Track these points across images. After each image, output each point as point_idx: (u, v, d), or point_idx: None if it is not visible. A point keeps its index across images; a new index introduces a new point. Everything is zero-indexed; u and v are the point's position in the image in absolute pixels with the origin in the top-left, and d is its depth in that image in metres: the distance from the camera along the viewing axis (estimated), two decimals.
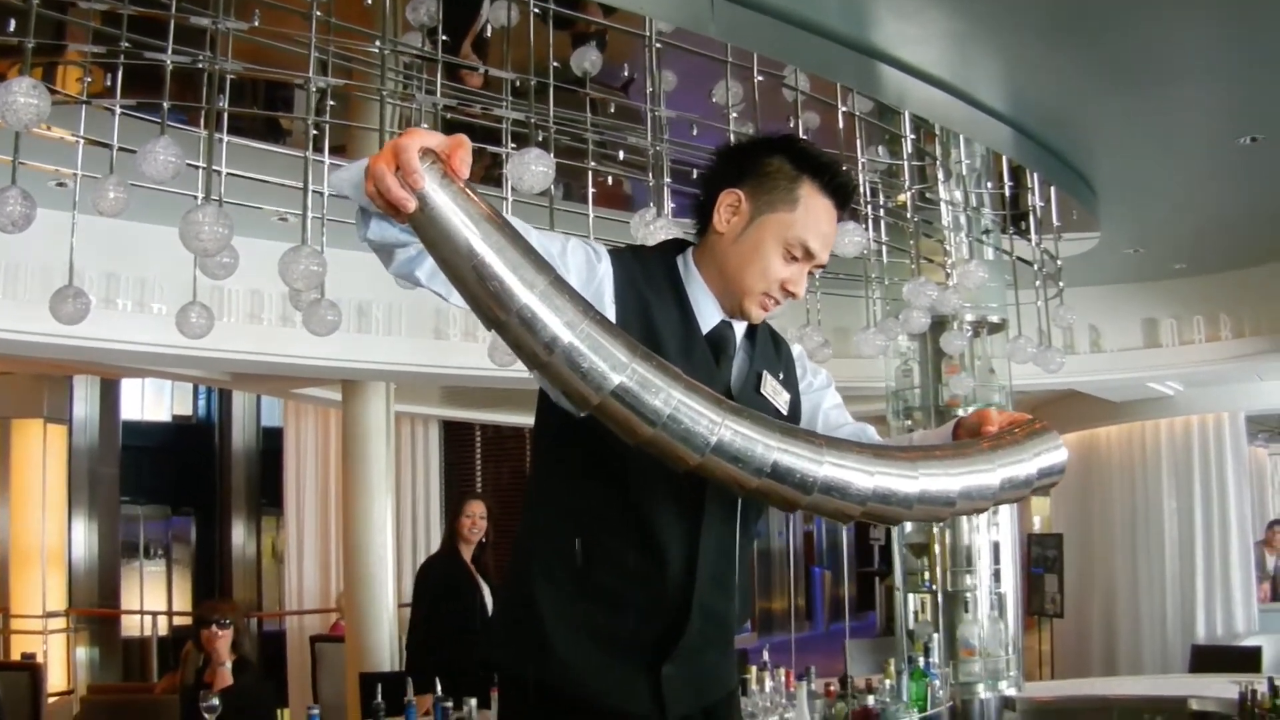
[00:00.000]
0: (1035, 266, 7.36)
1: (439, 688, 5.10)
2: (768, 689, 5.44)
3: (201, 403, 18.37)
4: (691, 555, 2.54)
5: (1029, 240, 7.45)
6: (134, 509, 16.88)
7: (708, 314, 2.61)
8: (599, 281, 2.44)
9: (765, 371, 2.69)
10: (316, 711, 4.72)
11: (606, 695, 2.54)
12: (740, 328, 2.67)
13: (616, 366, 2.03)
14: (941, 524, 7.59)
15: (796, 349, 2.90)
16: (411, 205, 1.90)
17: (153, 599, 16.71)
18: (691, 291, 2.61)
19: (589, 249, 2.51)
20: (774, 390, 2.67)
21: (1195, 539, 12.29)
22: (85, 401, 14.84)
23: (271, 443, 16.60)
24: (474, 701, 5.01)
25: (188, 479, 17.83)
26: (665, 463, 2.16)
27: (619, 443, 2.26)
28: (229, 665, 6.26)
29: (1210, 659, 9.89)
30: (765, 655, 5.84)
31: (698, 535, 2.54)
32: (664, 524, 2.51)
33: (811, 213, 2.58)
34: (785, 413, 2.69)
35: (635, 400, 2.05)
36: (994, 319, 8.00)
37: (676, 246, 2.73)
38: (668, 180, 5.39)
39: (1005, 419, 2.56)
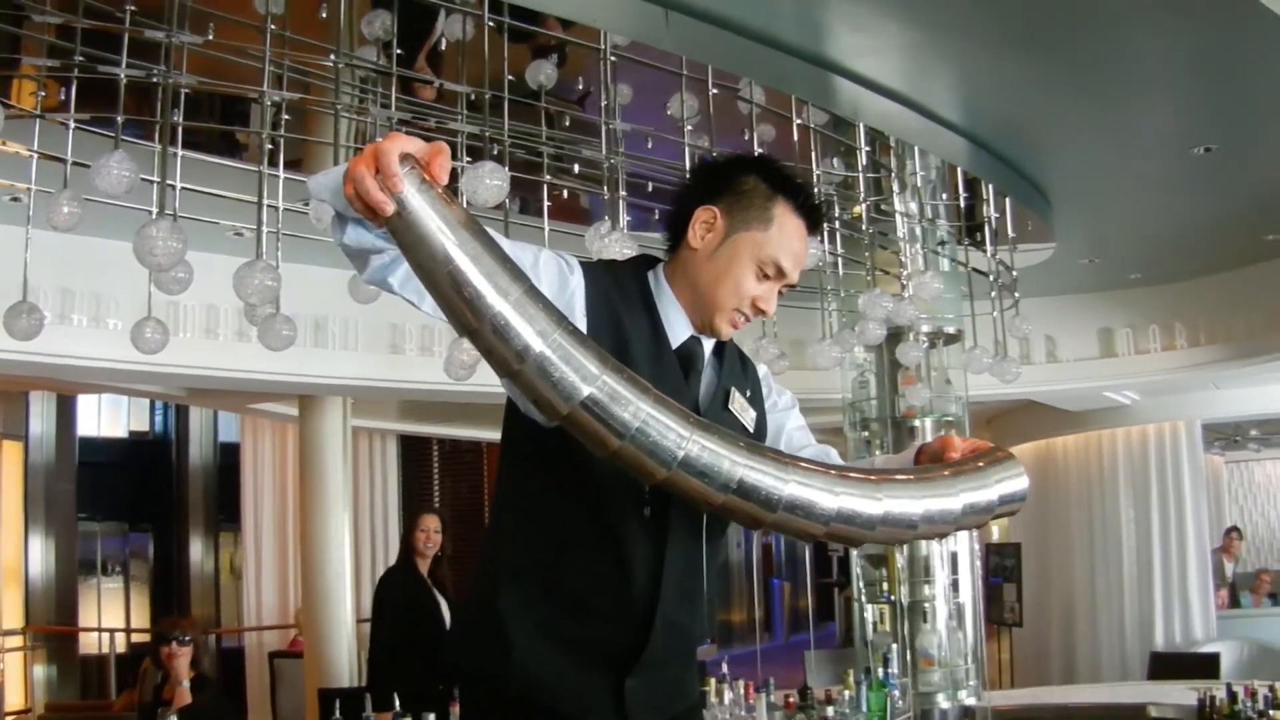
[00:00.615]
0: (991, 277, 7.39)
1: (397, 703, 5.08)
2: (727, 701, 5.44)
3: (158, 419, 18.24)
4: (657, 567, 2.55)
5: (984, 251, 7.47)
6: (91, 525, 16.74)
7: (678, 329, 2.63)
8: (571, 293, 2.45)
9: (733, 388, 2.71)
10: None
11: (568, 704, 2.54)
12: (709, 344, 2.69)
13: (587, 378, 2.04)
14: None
15: (763, 369, 2.93)
16: (390, 208, 1.91)
17: (110, 616, 16.58)
18: (662, 306, 2.63)
19: (561, 261, 2.52)
20: (741, 407, 2.69)
21: (1153, 547, 12.34)
22: (42, 418, 14.75)
23: (228, 458, 16.49)
24: (432, 716, 4.99)
25: (145, 495, 17.69)
26: (632, 475, 2.17)
27: (587, 454, 2.27)
28: (187, 683, 6.22)
29: (1169, 666, 9.96)
30: (724, 667, 5.83)
31: (664, 547, 2.55)
32: (630, 536, 2.52)
33: (785, 232, 2.61)
34: (751, 430, 2.70)
35: (604, 412, 2.06)
36: (950, 330, 8.02)
37: (648, 262, 2.75)
38: (623, 194, 5.39)
39: (968, 446, 2.59)
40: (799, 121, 6.01)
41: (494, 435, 14.83)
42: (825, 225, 6.44)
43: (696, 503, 2.21)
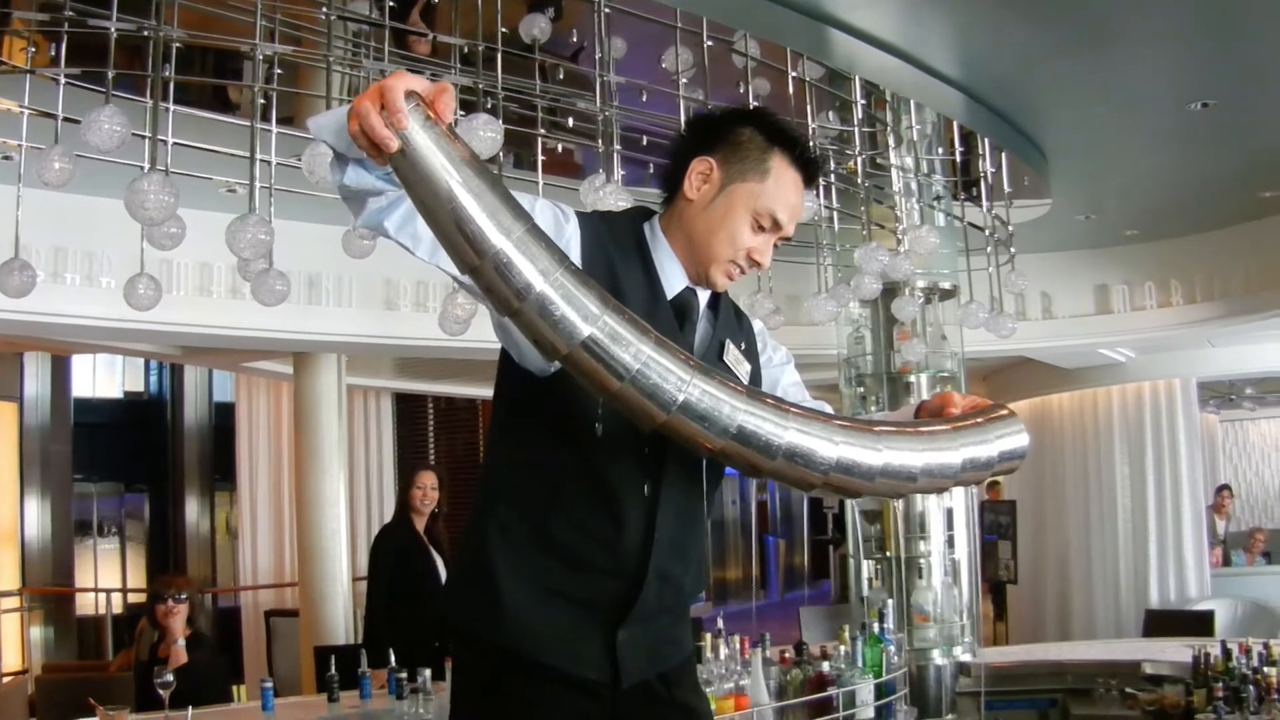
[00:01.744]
0: (987, 232, 7.36)
1: (392, 659, 5.08)
2: (723, 656, 5.43)
3: (153, 379, 18.26)
4: (650, 519, 2.54)
5: (980, 206, 7.45)
6: (87, 486, 16.80)
7: (673, 279, 2.62)
8: (566, 241, 2.43)
9: (728, 340, 2.70)
10: (270, 685, 4.69)
11: (560, 659, 2.54)
12: (704, 296, 2.69)
13: (588, 317, 2.03)
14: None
15: (758, 324, 2.93)
16: (394, 145, 1.92)
17: (107, 577, 16.63)
18: (658, 256, 2.63)
19: (557, 209, 2.51)
20: (735, 359, 2.69)
21: (1148, 505, 12.33)
22: (36, 379, 14.75)
23: (223, 418, 16.52)
24: (428, 672, 4.98)
25: (140, 455, 17.73)
26: (631, 418, 2.17)
27: (581, 406, 2.27)
28: (183, 641, 6.22)
29: (1163, 623, 9.99)
30: (720, 622, 5.83)
31: (657, 499, 2.54)
32: (623, 487, 2.52)
33: (781, 184, 2.61)
34: (745, 383, 2.68)
35: (605, 352, 2.05)
36: (945, 285, 8.01)
37: (643, 214, 2.74)
38: (617, 147, 5.35)
39: (969, 403, 2.60)
40: (794, 74, 5.97)
41: (489, 392, 14.93)
42: (821, 179, 6.42)
43: (695, 447, 2.20)
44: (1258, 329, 10.65)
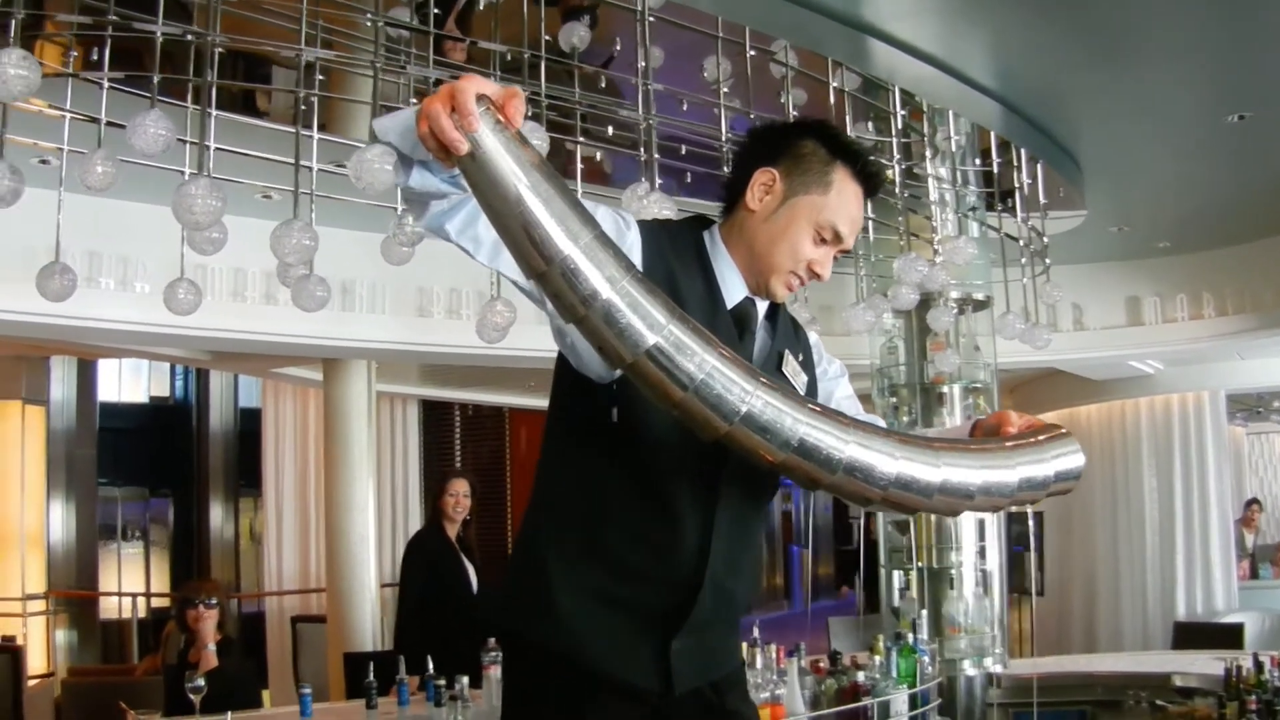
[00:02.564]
0: (1021, 243, 7.35)
1: (430, 666, 5.07)
2: (759, 665, 5.43)
3: (179, 384, 18.29)
4: (706, 530, 2.54)
5: (1014, 217, 7.42)
6: (111, 491, 16.82)
7: (733, 289, 2.63)
8: (627, 248, 2.42)
9: (786, 351, 2.71)
10: (309, 692, 4.69)
11: (612, 666, 2.54)
12: (763, 307, 2.69)
13: (654, 326, 2.02)
14: None
15: (814, 336, 2.94)
16: (464, 148, 1.92)
17: (130, 581, 16.64)
18: (718, 266, 2.63)
19: (619, 217, 2.51)
20: (794, 371, 2.69)
21: (1175, 517, 12.31)
22: (63, 383, 14.75)
23: (249, 424, 16.56)
24: (466, 680, 4.98)
25: (165, 460, 17.75)
26: (693, 429, 2.15)
27: (641, 416, 2.28)
28: (213, 646, 6.22)
29: (1192, 635, 9.96)
30: (755, 632, 5.83)
31: (714, 510, 2.54)
32: (681, 497, 2.52)
33: (843, 197, 2.62)
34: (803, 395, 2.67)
35: (669, 362, 2.04)
36: (979, 296, 7.98)
37: (702, 222, 2.74)
38: (657, 156, 5.34)
39: (1025, 422, 2.58)
40: (835, 85, 5.96)
41: (516, 400, 14.96)
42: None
43: (757, 459, 2.18)
44: None
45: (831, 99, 5.95)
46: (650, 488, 2.51)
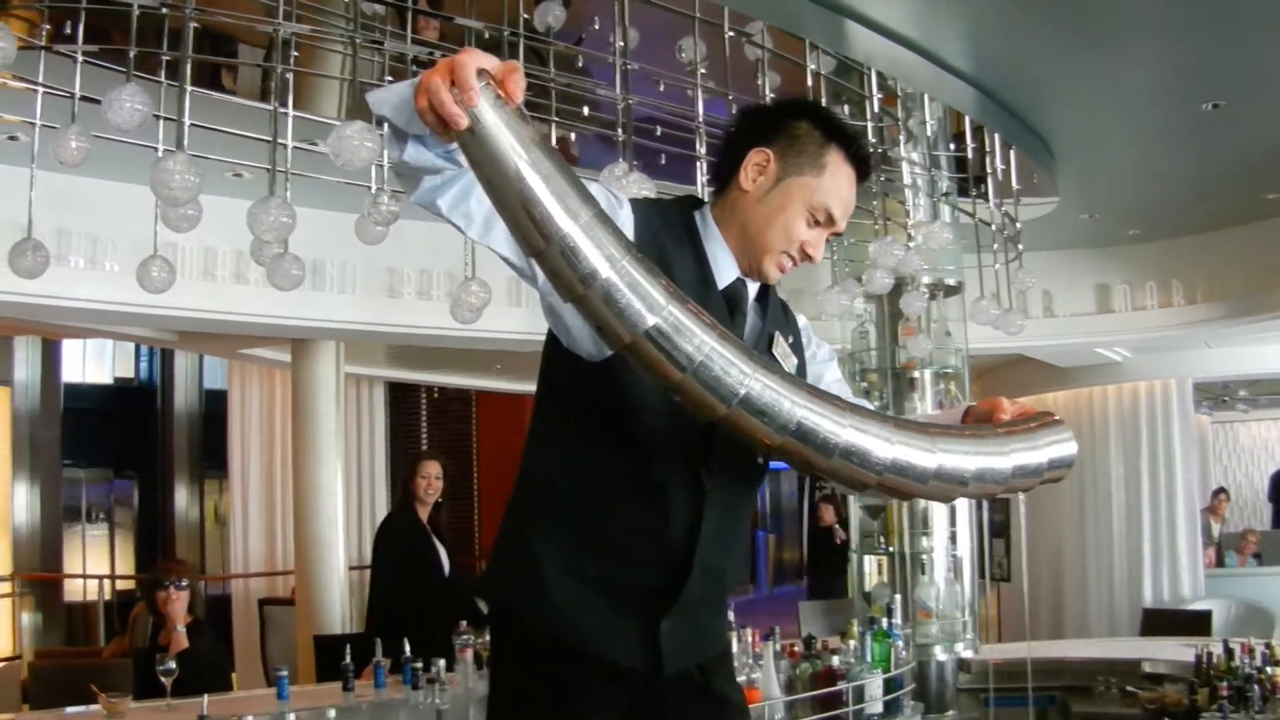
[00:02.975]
0: (993, 228, 7.35)
1: (407, 648, 5.05)
2: (735, 649, 5.43)
3: (143, 365, 18.18)
4: (697, 511, 2.53)
5: (987, 203, 7.43)
6: (76, 472, 16.71)
7: (725, 269, 2.61)
8: (620, 226, 2.40)
9: (777, 333, 2.70)
10: (285, 674, 4.66)
11: (602, 647, 2.53)
12: (753, 288, 2.67)
13: (653, 307, 2.00)
14: None
15: (803, 320, 2.92)
16: (463, 122, 1.89)
17: (95, 563, 16.55)
18: (709, 246, 2.61)
19: (611, 195, 2.49)
20: (784, 353, 2.68)
21: (1142, 505, 12.39)
22: (27, 364, 14.68)
23: (214, 406, 16.48)
24: (443, 662, 4.96)
25: (129, 442, 17.65)
26: (691, 410, 2.13)
27: (632, 396, 2.29)
28: (184, 628, 6.19)
29: (1161, 622, 10.03)
30: (731, 614, 5.82)
31: (704, 491, 2.53)
32: (671, 478, 2.51)
33: (836, 180, 2.61)
34: None
35: (668, 343, 2.02)
36: (950, 282, 7.99)
37: (693, 202, 2.73)
38: (630, 136, 5.32)
39: (1017, 409, 2.57)
40: (813, 68, 5.95)
41: (483, 383, 14.89)
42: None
43: (754, 443, 2.16)
44: (1255, 330, 10.66)
45: (809, 81, 5.94)
46: (640, 468, 2.50)
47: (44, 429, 14.90)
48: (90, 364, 17.87)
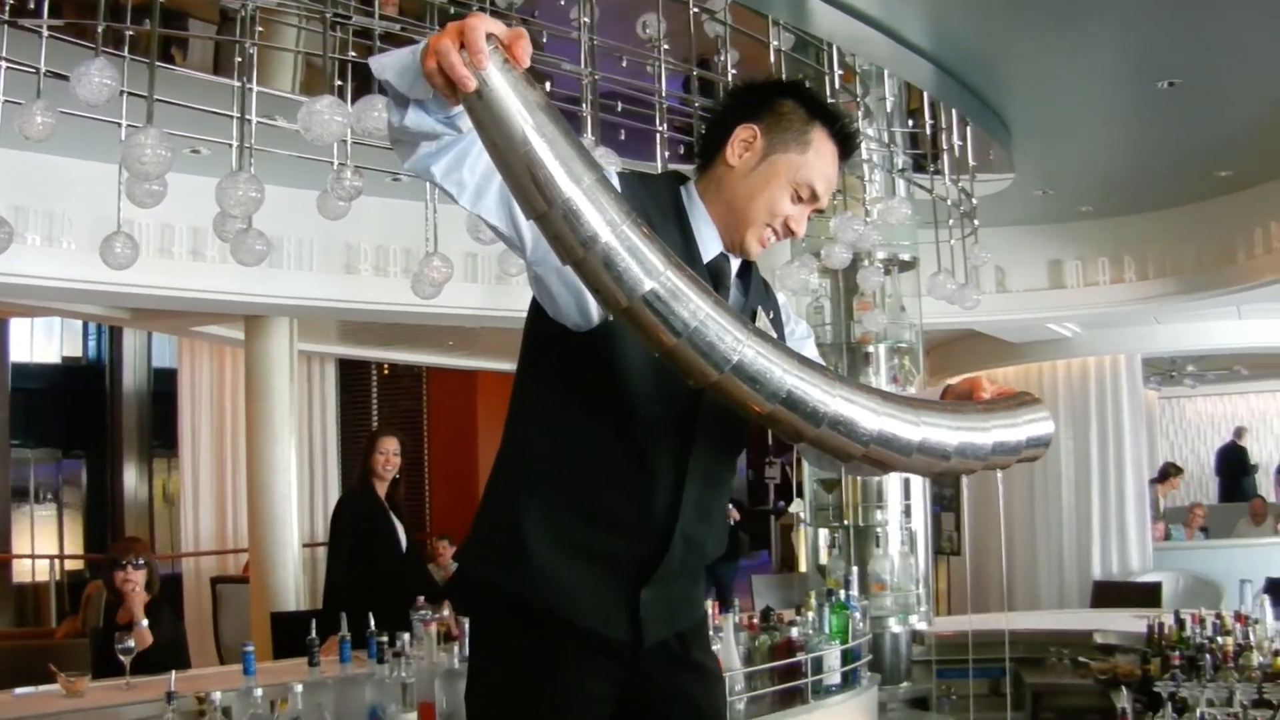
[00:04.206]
0: (949, 203, 7.39)
1: (372, 622, 5.04)
2: None
3: (91, 344, 18.06)
4: (679, 481, 2.56)
5: (943, 179, 7.46)
6: (24, 452, 16.63)
7: (709, 244, 2.64)
8: None
9: (759, 308, 2.73)
10: (252, 650, 4.64)
11: (585, 616, 2.55)
12: (735, 264, 2.70)
13: (651, 272, 2.03)
14: None
15: (782, 297, 2.96)
16: (472, 85, 1.92)
17: (44, 543, 16.46)
18: (694, 220, 2.65)
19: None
20: (765, 328, 2.68)
21: (1091, 479, 12.50)
22: None
23: (163, 384, 16.40)
24: (407, 636, 4.96)
25: (78, 421, 17.55)
26: (684, 376, 2.15)
27: (616, 365, 2.33)
28: (145, 623, 6.16)
29: (1111, 594, 10.11)
30: None
31: (686, 461, 2.56)
32: (654, 448, 2.54)
33: (820, 156, 2.65)
34: None
35: (664, 308, 2.04)
36: (905, 257, 8.02)
37: (677, 178, 2.76)
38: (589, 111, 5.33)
39: (995, 389, 2.61)
40: (775, 44, 5.97)
41: (434, 359, 14.87)
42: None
43: (744, 410, 2.18)
44: (1204, 307, 10.77)
45: (771, 58, 5.95)
46: (624, 436, 2.52)
47: None
48: (38, 343, 17.77)
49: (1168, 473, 15.34)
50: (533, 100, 1.95)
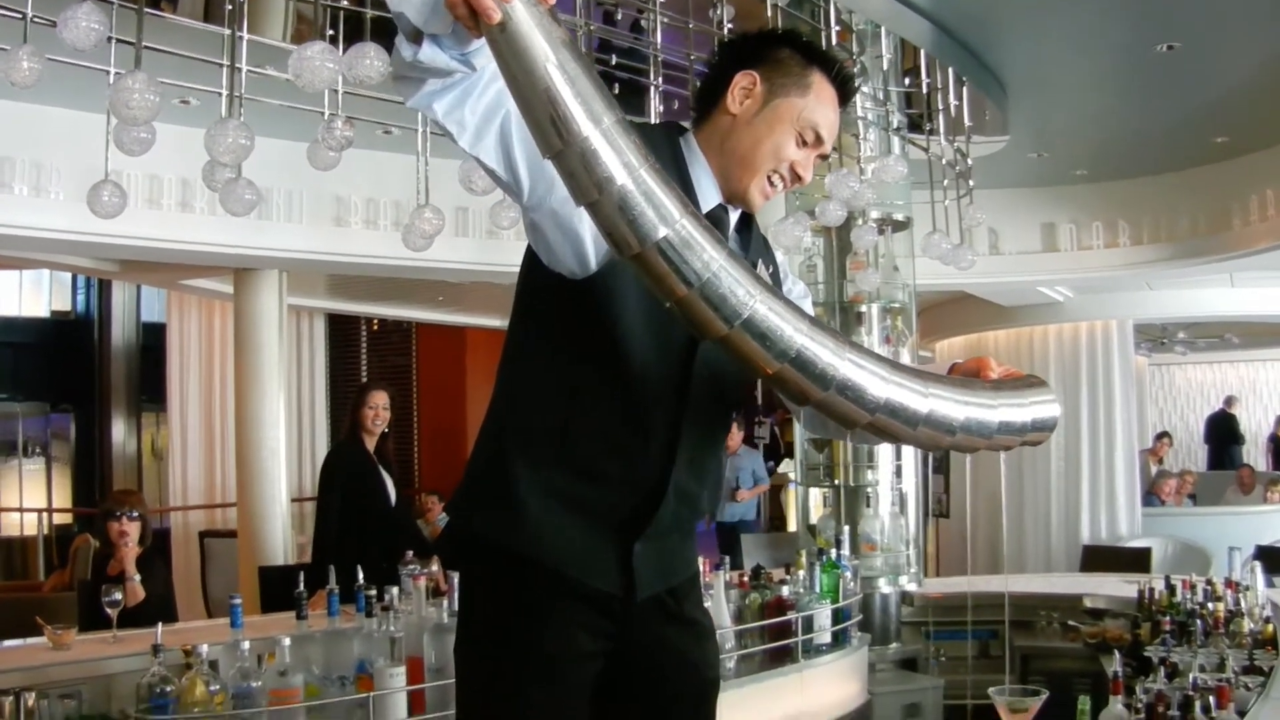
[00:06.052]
0: (944, 163, 7.36)
1: (360, 576, 5.02)
2: None
3: (80, 298, 18.00)
4: (674, 435, 2.54)
5: (939, 139, 7.43)
6: (12, 406, 16.64)
7: (708, 195, 2.60)
8: None
9: (760, 262, 2.69)
10: (239, 602, 4.62)
11: (577, 569, 2.53)
12: (734, 215, 2.67)
13: (666, 219, 1.98)
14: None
15: (780, 255, 2.93)
16: (496, 16, 1.87)
17: (32, 497, 16.45)
18: (694, 171, 2.61)
19: None
20: None
21: (1081, 444, 12.52)
22: None
23: (151, 338, 16.40)
24: (396, 590, 4.93)
25: (66, 375, 17.50)
26: (692, 329, 2.11)
27: (610, 315, 2.32)
28: (134, 560, 6.15)
29: (1101, 559, 10.11)
30: None
31: (681, 416, 2.54)
32: (650, 401, 2.51)
33: (821, 100, 2.61)
34: None
35: (677, 256, 1.99)
36: (899, 217, 7.99)
37: (676, 128, 2.72)
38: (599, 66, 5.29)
39: (1003, 370, 2.58)
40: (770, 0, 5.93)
41: (424, 314, 14.83)
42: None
43: (753, 367, 2.14)
44: (1199, 273, 10.78)
45: (768, 14, 5.91)
46: (619, 392, 2.49)
47: None
48: (26, 297, 17.71)
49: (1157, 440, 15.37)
50: (556, 36, 1.90)
